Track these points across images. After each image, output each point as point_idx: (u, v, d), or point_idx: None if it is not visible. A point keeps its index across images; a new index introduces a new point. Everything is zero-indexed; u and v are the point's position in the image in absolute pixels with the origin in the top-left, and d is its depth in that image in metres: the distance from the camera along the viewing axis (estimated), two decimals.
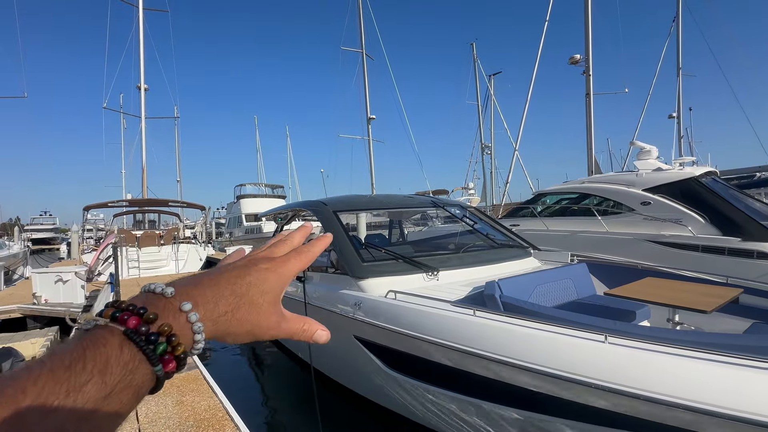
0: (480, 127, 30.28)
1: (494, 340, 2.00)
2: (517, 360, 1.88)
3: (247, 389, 4.27)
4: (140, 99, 16.93)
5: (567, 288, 3.22)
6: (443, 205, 4.53)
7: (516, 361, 1.88)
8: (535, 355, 1.84)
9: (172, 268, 12.31)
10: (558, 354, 1.78)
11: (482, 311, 2.21)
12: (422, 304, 2.51)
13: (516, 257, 3.81)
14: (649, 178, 6.36)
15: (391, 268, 3.23)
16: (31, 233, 39.59)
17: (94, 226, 21.66)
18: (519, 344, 1.91)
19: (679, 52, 20.58)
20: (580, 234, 6.84)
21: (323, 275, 3.87)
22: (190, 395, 2.94)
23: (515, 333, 1.96)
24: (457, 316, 2.24)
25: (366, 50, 24.18)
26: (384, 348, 2.87)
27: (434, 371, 2.45)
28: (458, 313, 2.25)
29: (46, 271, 7.18)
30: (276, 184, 26.53)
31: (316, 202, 4.28)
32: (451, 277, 3.26)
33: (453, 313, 2.28)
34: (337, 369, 3.60)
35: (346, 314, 3.12)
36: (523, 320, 2.01)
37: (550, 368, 1.77)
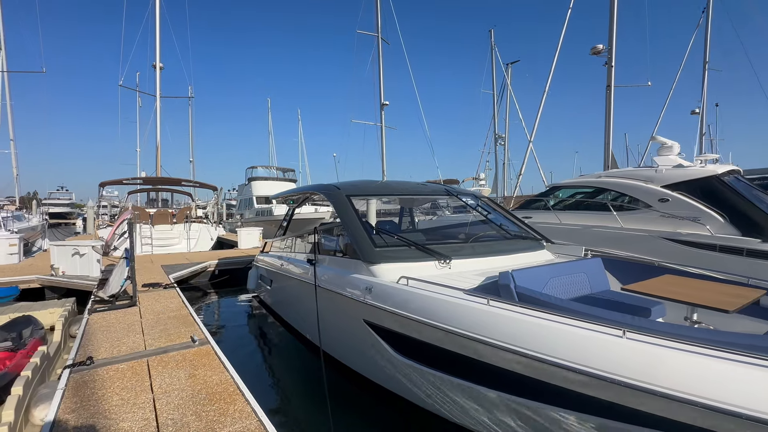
0: (494, 117, 29.76)
1: (508, 330, 1.99)
2: (531, 351, 1.87)
3: (256, 368, 4.36)
4: (155, 77, 16.97)
5: (581, 282, 3.18)
6: (456, 193, 4.48)
7: (530, 352, 1.87)
8: (550, 347, 1.82)
9: (184, 247, 12.53)
10: (574, 347, 1.76)
11: (496, 301, 2.19)
12: (435, 291, 2.50)
13: (529, 249, 3.77)
14: (668, 175, 6.19)
15: (403, 254, 3.22)
16: (48, 207, 40.55)
17: (109, 202, 22.07)
18: (533, 335, 1.90)
19: (706, 45, 19.81)
20: (593, 229, 6.73)
21: (334, 259, 3.89)
22: (202, 369, 3.01)
23: (530, 324, 1.94)
24: (471, 304, 2.23)
25: (382, 34, 23.84)
26: (394, 333, 2.88)
27: (444, 358, 2.46)
28: (472, 302, 2.24)
29: (63, 244, 7.36)
30: (287, 167, 26.60)
31: (329, 186, 4.27)
32: (463, 266, 3.24)
33: (466, 301, 2.27)
34: (345, 352, 3.64)
35: (356, 298, 3.14)
36: (538, 311, 1.99)
37: (565, 361, 1.76)
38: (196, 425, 2.23)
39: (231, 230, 19.41)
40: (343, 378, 3.70)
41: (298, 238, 5.22)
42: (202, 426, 2.23)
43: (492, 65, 29.50)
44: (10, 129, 20.48)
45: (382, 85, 22.95)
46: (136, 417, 2.33)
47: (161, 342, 3.62)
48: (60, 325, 4.29)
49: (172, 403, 2.50)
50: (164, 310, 4.76)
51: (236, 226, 20.24)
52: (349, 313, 3.38)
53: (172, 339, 3.69)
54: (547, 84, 15.08)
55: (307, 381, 3.94)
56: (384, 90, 23.07)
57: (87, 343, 3.60)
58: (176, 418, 2.31)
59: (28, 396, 2.94)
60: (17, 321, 4.76)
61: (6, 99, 20.00)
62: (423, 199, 5.74)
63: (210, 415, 2.34)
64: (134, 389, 2.69)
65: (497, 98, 29.64)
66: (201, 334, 3.84)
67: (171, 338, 3.72)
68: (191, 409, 2.42)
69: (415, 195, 4.71)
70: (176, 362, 3.16)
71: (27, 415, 2.82)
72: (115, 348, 3.48)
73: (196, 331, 3.91)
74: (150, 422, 2.27)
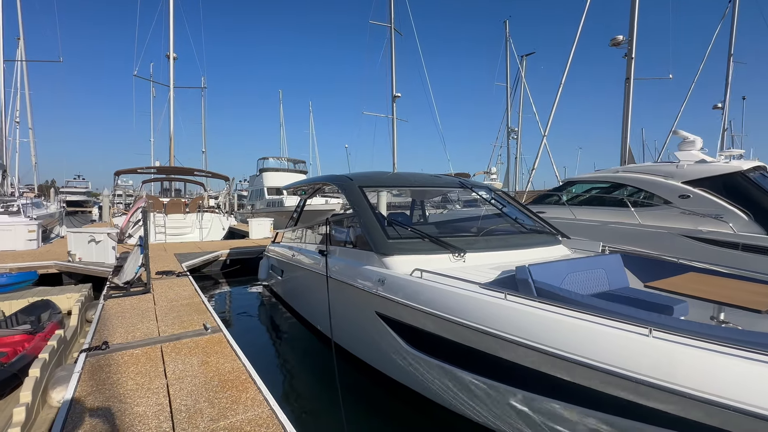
0: (507, 110, 29.29)
1: (527, 326, 1.94)
2: (550, 348, 1.81)
3: (268, 357, 4.37)
4: (169, 68, 17.07)
5: (599, 278, 3.09)
6: (471, 186, 4.40)
7: (549, 349, 1.81)
8: (570, 344, 1.76)
9: (197, 236, 12.68)
10: (596, 344, 1.69)
11: (514, 295, 2.13)
12: (449, 284, 2.45)
13: (545, 244, 3.68)
14: (690, 170, 5.99)
15: (416, 246, 3.17)
16: (66, 195, 41.51)
17: (124, 191, 22.45)
18: (553, 331, 1.84)
19: (732, 36, 19.07)
20: (610, 225, 6.58)
21: (346, 250, 3.86)
22: (215, 357, 3.02)
23: (549, 320, 1.88)
24: (487, 298, 2.17)
25: (395, 25, 23.54)
26: (406, 326, 2.85)
27: (458, 352, 2.42)
28: (488, 296, 2.18)
29: (80, 230, 7.49)
30: (298, 159, 26.66)
31: (341, 177, 4.23)
32: (477, 259, 3.18)
33: (482, 295, 2.22)
34: (357, 344, 3.63)
35: (368, 290, 3.11)
36: (558, 307, 1.93)
37: (586, 359, 1.70)
38: (209, 412, 2.24)
39: (242, 221, 19.59)
40: (354, 369, 3.69)
41: (310, 229, 5.21)
42: (215, 413, 2.23)
43: (506, 57, 28.94)
44: (29, 118, 20.92)
45: (395, 77, 22.76)
46: (150, 402, 2.35)
47: (174, 329, 3.66)
48: (77, 310, 4.36)
49: (186, 389, 2.51)
50: (177, 297, 4.81)
51: (247, 217, 20.42)
52: (361, 304, 3.35)
53: (185, 326, 3.73)
54: (563, 76, 14.74)
55: (318, 371, 3.95)
56: (396, 82, 22.90)
57: (102, 328, 3.66)
58: (189, 405, 2.32)
59: (45, 378, 2.99)
60: (36, 305, 4.88)
61: (25, 88, 20.39)
62: (436, 192, 5.67)
63: (222, 402, 2.35)
64: (148, 374, 2.71)
65: (511, 91, 29.15)
66: (213, 322, 3.86)
67: (184, 325, 3.75)
68: (204, 395, 2.43)
69: (429, 187, 4.64)
70: (189, 349, 3.18)
71: (44, 396, 2.87)
72: (130, 333, 3.53)
73: (208, 319, 3.94)
74: (164, 407, 2.29)
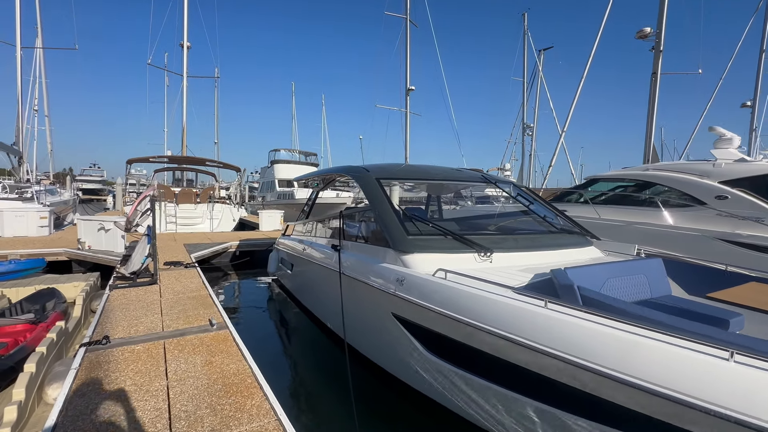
0: (524, 105, 28.67)
1: (573, 340, 1.67)
2: (604, 368, 1.54)
3: (275, 357, 4.18)
4: (183, 56, 16.99)
5: (640, 285, 2.80)
6: (495, 181, 4.12)
7: (604, 369, 1.55)
8: (629, 365, 1.49)
9: (207, 226, 12.62)
10: (663, 367, 1.43)
11: (556, 303, 1.87)
12: (480, 287, 2.19)
13: (576, 245, 3.39)
14: (728, 169, 5.59)
15: (439, 244, 2.92)
16: (81, 184, 42.24)
17: (138, 180, 22.62)
18: (607, 348, 1.57)
19: (765, 31, 18.16)
20: (636, 225, 6.21)
21: (360, 245, 3.63)
22: (219, 356, 2.83)
23: (602, 334, 1.61)
24: (525, 306, 1.91)
25: (410, 16, 23.09)
26: (425, 330, 2.61)
27: (485, 363, 2.17)
28: (526, 303, 1.92)
29: (89, 218, 7.42)
30: (309, 151, 26.52)
31: (357, 168, 3.99)
32: (504, 260, 2.91)
33: (518, 302, 1.96)
34: (370, 346, 3.40)
35: (385, 290, 2.87)
36: (612, 320, 1.66)
37: (649, 383, 1.43)
38: (210, 421, 2.04)
39: (252, 212, 19.56)
40: (367, 372, 3.46)
41: (322, 223, 4.99)
42: (216, 422, 2.03)
43: (524, 51, 28.31)
44: (45, 106, 21.14)
45: (409, 69, 22.38)
46: (148, 406, 2.16)
47: (179, 323, 3.48)
48: (81, 300, 4.24)
49: (187, 392, 2.32)
50: (184, 290, 4.65)
51: (258, 209, 20.40)
52: (376, 304, 3.12)
53: (190, 321, 3.55)
54: (584, 72, 14.23)
55: (328, 375, 3.73)
56: (410, 75, 22.52)
57: (105, 321, 3.50)
58: (189, 411, 2.12)
59: (42, 373, 2.84)
60: (42, 293, 4.77)
61: (41, 76, 20.58)
62: (455, 186, 5.38)
63: (225, 409, 2.15)
64: (148, 374, 2.53)
65: (527, 86, 28.51)
66: (219, 317, 3.68)
67: (189, 320, 3.58)
68: (206, 401, 2.23)
69: (451, 181, 4.37)
70: (193, 346, 2.99)
71: (41, 392, 2.72)
72: (133, 327, 3.36)
73: (214, 314, 3.76)
74: (162, 413, 2.09)
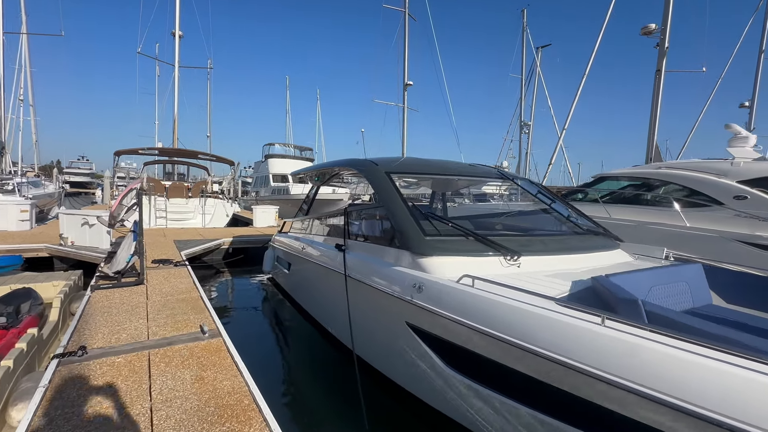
0: (521, 102, 28.51)
1: (645, 368, 1.38)
2: (709, 412, 1.24)
3: (274, 370, 3.79)
4: (174, 46, 16.41)
5: (682, 293, 2.53)
6: (512, 178, 3.82)
7: (696, 409, 1.25)
8: (744, 411, 1.19)
9: (199, 222, 12.19)
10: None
11: (615, 320, 1.58)
12: (516, 298, 1.89)
13: (604, 248, 3.11)
14: (747, 169, 5.37)
15: (460, 246, 2.61)
16: (69, 176, 41.22)
17: (127, 173, 21.99)
18: (709, 386, 1.26)
19: (764, 31, 18.11)
20: (648, 226, 5.97)
21: (368, 246, 3.31)
22: (212, 370, 2.50)
23: (686, 362, 1.32)
24: (577, 323, 1.62)
25: (409, 9, 22.69)
26: (446, 343, 2.31)
27: (522, 385, 1.88)
28: (578, 319, 1.63)
29: (72, 212, 6.99)
30: (304, 146, 26.04)
31: (365, 161, 3.66)
32: (533, 264, 2.62)
33: (568, 317, 1.66)
34: (382, 358, 3.08)
35: (400, 296, 2.56)
36: (696, 344, 1.37)
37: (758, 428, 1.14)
38: None
39: (246, 207, 19.09)
40: (378, 386, 3.15)
41: (324, 220, 4.66)
42: None
43: (522, 47, 28.09)
44: (30, 95, 20.36)
45: (407, 64, 22.00)
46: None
47: (167, 330, 3.14)
48: (58, 302, 3.86)
49: (173, 417, 1.99)
50: (173, 291, 4.29)
51: (251, 204, 19.92)
52: (387, 311, 2.81)
53: (179, 327, 3.21)
54: (586, 69, 14.02)
55: (335, 389, 3.36)
56: (408, 70, 22.15)
57: (83, 327, 3.15)
58: None
59: (8, 390, 2.49)
60: (16, 294, 4.37)
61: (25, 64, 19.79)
62: (463, 182, 5.08)
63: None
64: (129, 393, 2.19)
65: (525, 83, 28.33)
66: (212, 323, 3.34)
67: (178, 326, 3.23)
68: (196, 428, 1.91)
69: (466, 176, 4.06)
70: (182, 358, 2.66)
71: (4, 413, 2.38)
72: (114, 335, 3.01)
73: (206, 320, 3.42)
74: None
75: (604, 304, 1.97)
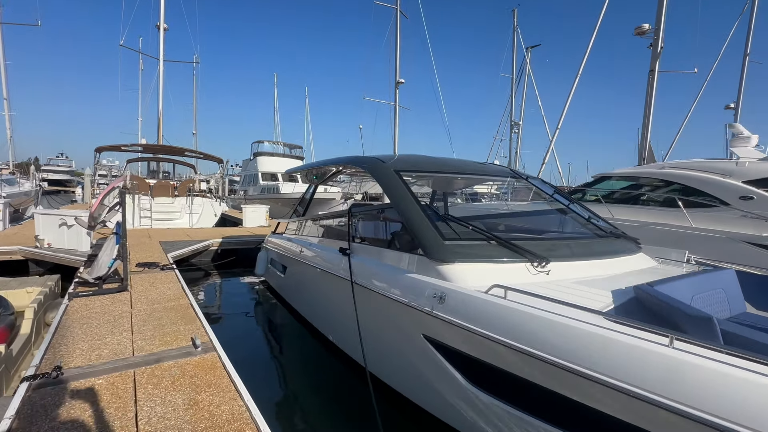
0: (512, 102, 28.56)
1: (736, 401, 1.17)
2: None
3: (276, 387, 3.45)
4: (159, 39, 15.82)
5: (720, 301, 2.36)
6: (526, 177, 3.62)
7: None
8: None
9: (186, 222, 11.74)
10: None
11: (687, 341, 1.37)
12: (559, 312, 1.67)
13: (628, 251, 2.93)
14: (753, 169, 5.30)
15: (484, 251, 2.39)
16: (48, 174, 39.79)
17: (109, 170, 21.21)
18: None
19: (749, 34, 18.46)
20: (652, 226, 5.88)
21: (377, 250, 3.06)
22: (207, 392, 2.22)
23: None
24: (637, 342, 1.41)
25: (400, 7, 22.44)
26: (470, 359, 2.08)
27: (563, 409, 1.66)
28: (637, 338, 1.42)
29: (49, 212, 6.54)
30: (294, 144, 25.56)
31: (371, 159, 3.41)
32: (561, 271, 2.41)
33: (625, 336, 1.45)
34: (397, 375, 2.81)
35: (417, 307, 2.32)
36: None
37: None
38: None
39: (234, 207, 18.59)
40: (391, 404, 2.88)
41: (324, 221, 4.38)
42: None
43: (513, 47, 28.13)
44: (3, 88, 19.39)
45: (398, 62, 21.78)
46: None
47: (154, 344, 2.84)
48: (32, 312, 3.50)
49: None
50: (160, 298, 3.97)
51: (240, 203, 19.40)
52: (401, 322, 2.58)
53: (167, 341, 2.90)
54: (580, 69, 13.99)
55: (345, 406, 3.07)
56: (399, 68, 21.93)
57: (59, 342, 2.82)
58: None
59: None
60: None
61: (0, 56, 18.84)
62: (469, 181, 4.87)
63: None
64: (112, 423, 1.90)
65: (515, 83, 28.39)
66: (204, 335, 3.05)
67: (166, 339, 2.93)
68: None
69: (478, 175, 3.84)
70: (172, 378, 2.37)
71: None
72: (95, 351, 2.69)
73: (198, 331, 3.12)
74: None
75: (653, 318, 1.77)
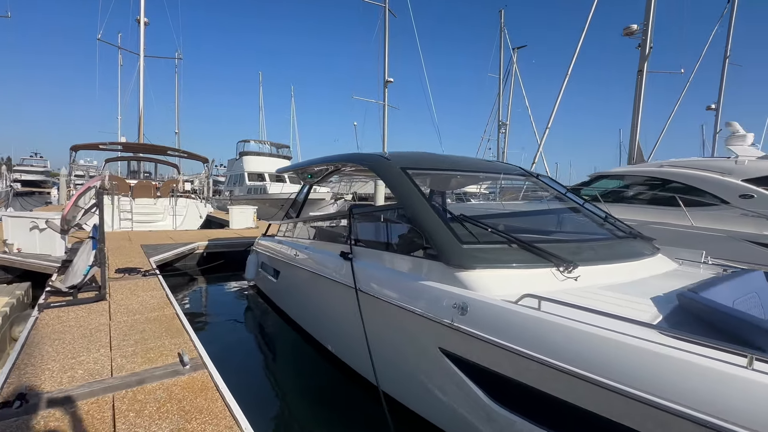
0: (499, 102, 28.71)
1: None
2: None
3: (275, 409, 3.09)
4: (139, 33, 15.20)
5: (756, 306, 2.22)
6: (537, 176, 3.44)
7: None
8: None
9: (169, 224, 11.27)
10: None
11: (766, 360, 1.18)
12: (605, 326, 1.48)
13: (650, 253, 2.78)
14: (753, 167, 5.28)
15: (506, 256, 2.18)
16: (21, 174, 38.15)
17: (86, 171, 20.37)
18: None
19: (728, 38, 18.94)
20: (651, 225, 5.81)
21: (384, 254, 2.82)
22: (199, 419, 1.95)
23: None
24: (706, 362, 1.22)
25: (389, 5, 22.24)
26: (494, 376, 1.88)
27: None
28: (705, 357, 1.23)
29: (18, 215, 6.08)
30: (281, 143, 25.08)
31: (374, 156, 3.18)
32: (589, 276, 2.22)
33: (689, 354, 1.26)
34: (408, 390, 2.57)
35: (435, 319, 2.10)
36: None
37: None
38: None
39: (219, 208, 18.06)
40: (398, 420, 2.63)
41: (320, 223, 4.12)
42: None
43: (500, 48, 28.27)
44: None
45: (387, 60, 21.57)
46: None
47: (136, 362, 2.53)
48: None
49: None
50: (142, 308, 3.64)
51: (225, 204, 18.86)
52: (413, 334, 2.35)
53: (151, 358, 2.60)
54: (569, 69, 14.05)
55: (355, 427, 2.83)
56: (388, 67, 21.73)
57: (27, 361, 2.49)
58: None
59: None
60: None
61: None
62: (471, 179, 4.68)
63: None
64: None
65: (502, 83, 28.55)
66: (193, 350, 2.76)
67: (150, 356, 2.63)
68: None
69: (488, 173, 3.64)
70: (157, 404, 2.08)
71: None
72: (67, 372, 2.38)
73: (185, 345, 2.83)
74: None
75: (708, 330, 1.59)
